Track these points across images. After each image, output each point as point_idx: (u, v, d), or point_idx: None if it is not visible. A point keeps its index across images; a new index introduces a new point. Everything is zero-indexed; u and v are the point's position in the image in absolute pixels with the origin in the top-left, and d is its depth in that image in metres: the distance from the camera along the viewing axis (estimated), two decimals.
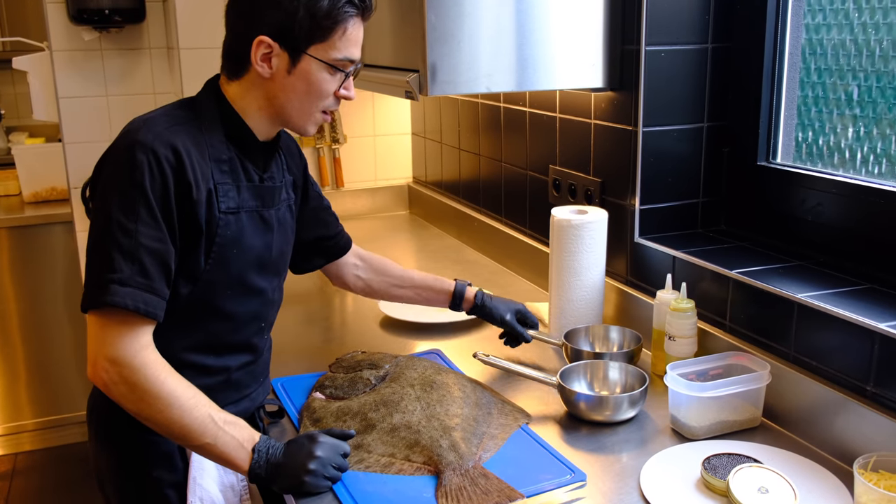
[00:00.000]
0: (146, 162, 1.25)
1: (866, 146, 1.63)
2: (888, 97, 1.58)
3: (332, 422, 1.49)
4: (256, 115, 1.38)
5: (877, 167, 1.61)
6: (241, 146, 1.38)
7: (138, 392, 1.23)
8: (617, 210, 1.90)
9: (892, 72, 1.57)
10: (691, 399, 1.44)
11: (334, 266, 1.75)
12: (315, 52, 1.33)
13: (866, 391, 1.35)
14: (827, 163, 1.70)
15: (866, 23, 1.61)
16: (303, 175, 1.61)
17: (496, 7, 1.72)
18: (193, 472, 1.39)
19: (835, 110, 1.69)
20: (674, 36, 1.77)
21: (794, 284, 1.51)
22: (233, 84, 1.38)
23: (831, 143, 1.70)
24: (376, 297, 1.82)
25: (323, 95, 1.37)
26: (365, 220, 3.15)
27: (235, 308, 1.40)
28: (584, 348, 1.76)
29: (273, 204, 1.44)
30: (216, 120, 1.37)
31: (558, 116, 2.12)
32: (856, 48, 1.63)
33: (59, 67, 2.98)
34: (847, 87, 1.66)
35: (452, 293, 1.77)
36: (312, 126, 1.41)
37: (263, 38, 1.31)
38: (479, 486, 1.29)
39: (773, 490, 1.24)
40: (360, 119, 3.16)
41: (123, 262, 1.23)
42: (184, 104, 1.39)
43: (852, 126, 1.66)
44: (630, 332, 1.77)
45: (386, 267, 1.79)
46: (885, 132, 1.59)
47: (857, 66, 1.64)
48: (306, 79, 1.34)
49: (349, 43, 1.35)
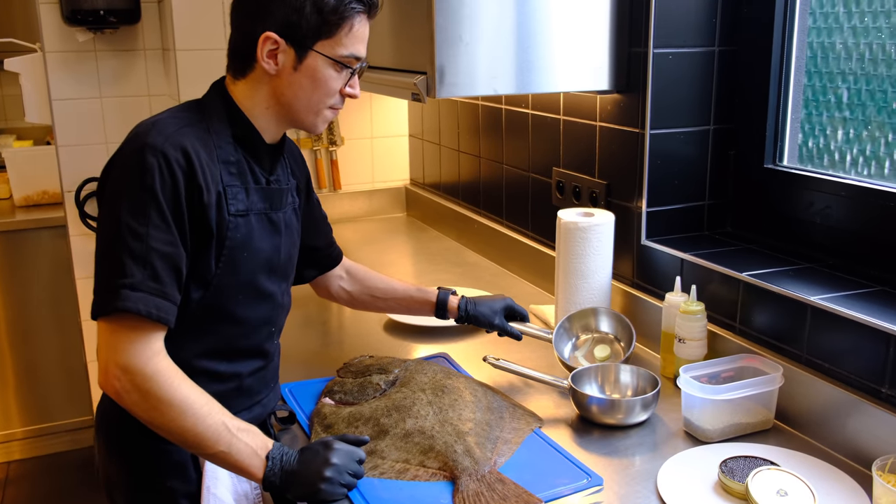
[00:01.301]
0: (156, 165, 1.23)
1: (855, 148, 1.65)
2: (877, 100, 1.60)
3: (343, 427, 1.48)
4: (264, 115, 1.37)
5: (866, 169, 1.63)
6: (249, 148, 1.37)
7: (151, 400, 1.22)
8: (623, 212, 1.90)
9: (881, 75, 1.58)
10: (705, 402, 1.44)
11: (322, 277, 1.74)
12: (321, 49, 1.32)
13: (881, 393, 1.35)
14: (817, 165, 1.72)
15: (856, 27, 1.62)
16: (306, 181, 1.60)
17: (504, 9, 1.71)
18: (207, 482, 1.37)
19: (825, 112, 1.71)
20: (681, 39, 1.77)
21: (805, 287, 1.51)
22: (239, 83, 1.37)
23: (821, 145, 1.72)
24: (360, 308, 1.81)
25: (329, 93, 1.36)
26: (362, 222, 3.14)
27: (247, 313, 1.39)
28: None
29: (280, 206, 1.42)
30: (223, 121, 1.35)
31: (562, 119, 2.12)
32: (846, 52, 1.65)
33: (53, 69, 2.94)
34: (837, 90, 1.68)
35: (435, 303, 1.75)
36: (321, 123, 1.40)
37: (270, 34, 1.30)
38: (497, 491, 1.28)
39: (791, 493, 1.23)
40: (357, 121, 3.15)
41: (135, 267, 1.21)
42: (191, 106, 1.38)
43: (842, 129, 1.68)
44: (624, 319, 1.76)
45: (369, 279, 1.77)
46: (874, 135, 1.61)
47: (847, 69, 1.65)
48: (312, 75, 1.33)
49: (355, 40, 1.34)
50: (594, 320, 1.80)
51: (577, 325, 1.80)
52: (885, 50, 1.58)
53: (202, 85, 1.44)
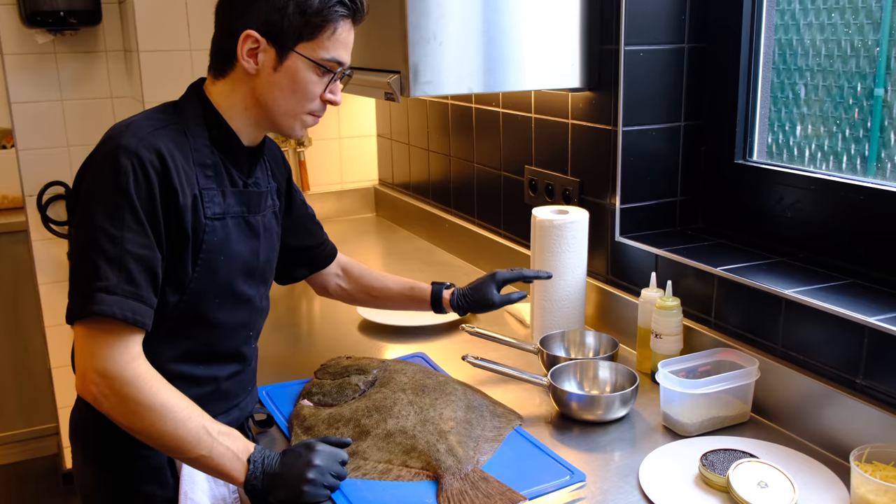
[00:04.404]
0: (131, 167, 1.21)
1: (814, 143, 1.69)
2: (833, 96, 1.64)
3: (324, 429, 1.46)
4: (242, 116, 1.35)
5: (824, 164, 1.66)
6: (226, 150, 1.35)
7: (130, 405, 1.19)
8: (596, 209, 1.91)
9: (837, 71, 1.62)
10: (684, 396, 1.45)
11: (318, 276, 1.73)
12: (303, 50, 1.31)
13: (856, 384, 1.38)
14: (777, 160, 1.75)
15: (811, 23, 1.66)
16: (287, 182, 1.58)
17: (475, 8, 1.71)
18: (184, 487, 1.35)
19: (783, 109, 1.74)
20: (651, 36, 1.78)
21: (779, 280, 1.53)
22: (218, 84, 1.35)
23: (780, 141, 1.75)
24: (358, 305, 1.81)
25: (309, 97, 1.35)
26: (331, 223, 3.12)
27: (224, 316, 1.37)
28: (560, 354, 1.75)
29: (259, 210, 1.41)
30: (200, 123, 1.33)
31: (534, 117, 2.12)
32: (802, 48, 1.68)
33: (11, 71, 2.89)
34: (794, 86, 1.71)
35: (430, 300, 1.74)
36: (300, 128, 1.38)
37: (251, 33, 1.28)
38: (481, 489, 1.28)
39: (772, 484, 1.25)
40: (325, 121, 3.12)
41: (109, 270, 1.19)
42: (167, 108, 1.36)
43: (801, 124, 1.71)
44: (606, 336, 1.77)
45: (364, 277, 1.76)
46: (832, 130, 1.65)
47: (804, 65, 1.69)
48: (292, 77, 1.32)
49: (338, 44, 1.33)
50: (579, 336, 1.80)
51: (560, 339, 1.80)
52: (841, 46, 1.61)
53: (166, 86, 1.42)
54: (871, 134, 1.60)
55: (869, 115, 1.60)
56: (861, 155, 1.61)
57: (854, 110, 1.62)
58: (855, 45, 1.60)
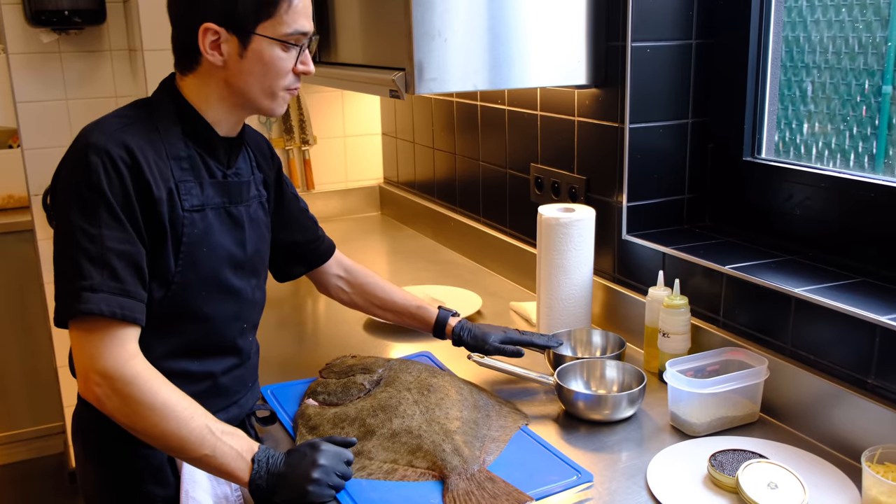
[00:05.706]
0: (101, 163, 1.20)
1: (821, 141, 1.67)
2: (841, 93, 1.62)
3: (329, 429, 1.45)
4: (218, 107, 1.34)
5: (831, 162, 1.65)
6: (201, 142, 1.34)
7: (132, 405, 1.19)
8: (603, 207, 1.89)
9: (845, 68, 1.60)
10: (692, 396, 1.44)
11: (317, 274, 1.71)
12: (264, 31, 1.29)
13: (867, 384, 1.36)
14: (783, 157, 1.73)
15: (819, 20, 1.64)
16: (276, 174, 1.57)
17: (482, 4, 1.70)
18: (185, 486, 1.34)
19: (790, 106, 1.73)
20: (658, 32, 1.77)
21: (788, 279, 1.52)
22: (188, 79, 1.34)
23: (787, 138, 1.73)
24: (359, 311, 1.78)
25: (281, 74, 1.33)
26: (336, 221, 3.11)
27: (212, 309, 1.36)
28: (567, 353, 1.74)
29: (241, 200, 1.40)
30: (172, 117, 1.32)
31: (539, 114, 2.11)
32: (809, 45, 1.66)
33: (16, 71, 2.88)
34: (802, 83, 1.70)
35: (433, 324, 1.71)
36: (280, 105, 1.37)
37: (209, 25, 1.27)
38: (487, 490, 1.26)
39: (782, 485, 1.23)
40: (329, 120, 3.12)
41: (92, 269, 1.18)
42: (138, 104, 1.35)
43: (808, 122, 1.69)
44: (613, 335, 1.75)
45: (368, 284, 1.73)
46: (839, 128, 1.63)
47: (812, 62, 1.67)
48: (260, 59, 1.30)
49: (297, 15, 1.31)
50: (586, 335, 1.78)
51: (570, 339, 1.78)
52: (849, 43, 1.60)
53: None
54: (878, 131, 1.58)
55: (877, 112, 1.58)
56: (869, 153, 1.60)
57: (862, 107, 1.61)
58: (863, 41, 1.59)
